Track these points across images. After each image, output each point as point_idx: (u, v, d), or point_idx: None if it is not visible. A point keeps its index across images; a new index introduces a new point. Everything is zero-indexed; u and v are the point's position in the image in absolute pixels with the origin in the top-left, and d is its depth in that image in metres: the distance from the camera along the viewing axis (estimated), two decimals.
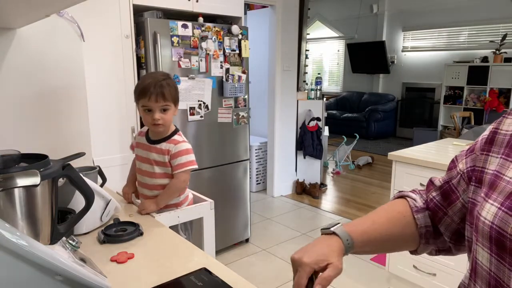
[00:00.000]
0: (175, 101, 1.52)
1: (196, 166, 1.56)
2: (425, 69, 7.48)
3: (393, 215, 0.77)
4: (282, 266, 2.87)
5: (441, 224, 0.75)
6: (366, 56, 8.07)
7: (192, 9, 2.67)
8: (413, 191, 0.83)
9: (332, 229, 0.72)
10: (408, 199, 0.79)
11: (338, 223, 0.74)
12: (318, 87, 4.62)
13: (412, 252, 0.81)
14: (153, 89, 1.43)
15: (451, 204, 0.73)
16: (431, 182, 0.80)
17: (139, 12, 2.47)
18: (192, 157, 1.55)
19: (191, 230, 1.73)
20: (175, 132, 1.58)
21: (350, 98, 8.56)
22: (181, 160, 1.52)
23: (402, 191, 0.84)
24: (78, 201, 1.09)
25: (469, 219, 0.67)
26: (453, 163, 0.76)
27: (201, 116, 2.73)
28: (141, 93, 1.46)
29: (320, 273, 0.67)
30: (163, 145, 1.54)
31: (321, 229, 0.75)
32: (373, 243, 0.75)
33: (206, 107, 2.75)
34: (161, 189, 1.55)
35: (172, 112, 1.52)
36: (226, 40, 2.78)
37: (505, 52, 6.00)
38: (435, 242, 0.78)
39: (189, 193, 1.68)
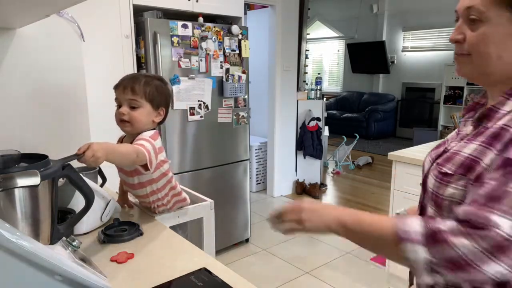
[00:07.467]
0: (152, 102, 1.30)
1: (152, 159, 1.22)
2: (425, 69, 7.48)
3: None
4: (282, 266, 2.87)
5: None
6: (366, 56, 8.06)
7: (192, 9, 2.67)
8: None
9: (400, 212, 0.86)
10: None
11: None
12: (318, 87, 4.62)
13: None
14: (124, 81, 1.30)
15: None
16: None
17: (139, 12, 2.47)
18: (149, 146, 1.23)
19: (186, 229, 1.70)
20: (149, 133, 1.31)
21: (350, 98, 8.55)
22: (138, 141, 1.26)
23: None
24: (78, 201, 1.09)
25: None
26: None
27: (201, 116, 2.73)
28: (115, 86, 1.32)
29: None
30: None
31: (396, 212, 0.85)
32: None
33: (206, 107, 2.75)
34: (147, 197, 1.38)
35: (146, 113, 1.29)
36: (226, 40, 2.77)
37: None
38: None
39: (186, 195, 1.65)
